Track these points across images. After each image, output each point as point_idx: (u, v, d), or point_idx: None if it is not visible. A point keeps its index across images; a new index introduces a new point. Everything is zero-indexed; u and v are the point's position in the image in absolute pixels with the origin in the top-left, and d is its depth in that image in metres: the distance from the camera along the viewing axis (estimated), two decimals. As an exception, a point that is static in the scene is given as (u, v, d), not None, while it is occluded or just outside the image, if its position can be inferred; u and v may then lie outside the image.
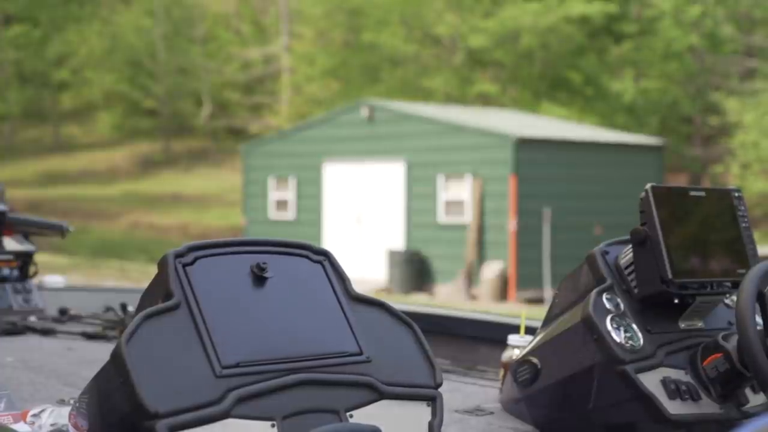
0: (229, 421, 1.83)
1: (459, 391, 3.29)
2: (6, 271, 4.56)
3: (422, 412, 2.09)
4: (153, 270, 2.02)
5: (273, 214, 19.81)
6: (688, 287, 2.56)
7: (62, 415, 2.31)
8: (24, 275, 4.63)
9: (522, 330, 3.18)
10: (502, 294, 15.96)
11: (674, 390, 2.61)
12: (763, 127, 23.65)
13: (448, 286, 16.62)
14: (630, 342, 2.49)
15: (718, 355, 2.64)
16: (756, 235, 2.90)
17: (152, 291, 2.03)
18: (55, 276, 5.45)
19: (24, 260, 4.62)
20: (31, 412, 2.40)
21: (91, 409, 1.98)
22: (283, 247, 2.14)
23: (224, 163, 32.36)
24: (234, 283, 2.02)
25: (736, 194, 2.78)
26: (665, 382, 2.62)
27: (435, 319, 4.13)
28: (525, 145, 15.95)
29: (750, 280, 2.45)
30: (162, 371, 1.82)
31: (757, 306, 2.47)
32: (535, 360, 2.82)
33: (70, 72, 35.93)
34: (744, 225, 2.78)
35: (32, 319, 4.46)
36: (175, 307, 1.92)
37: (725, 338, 2.65)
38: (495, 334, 3.63)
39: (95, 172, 33.62)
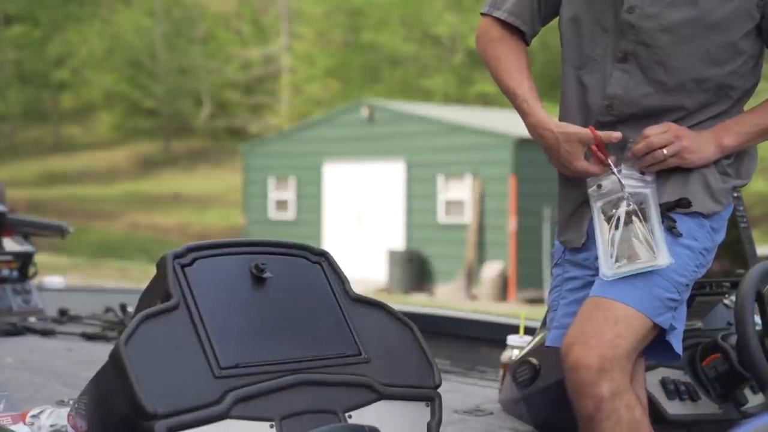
0: (228, 421, 1.83)
1: (458, 392, 3.29)
2: (6, 272, 4.56)
3: (421, 412, 2.09)
4: (153, 270, 2.02)
5: (273, 214, 19.81)
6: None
7: (62, 415, 2.31)
8: (24, 276, 4.63)
9: (521, 330, 3.19)
10: (502, 294, 15.96)
11: (673, 390, 2.61)
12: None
13: (448, 286, 16.61)
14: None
15: (717, 355, 2.64)
16: (755, 235, 2.90)
17: (151, 292, 2.03)
18: (54, 277, 5.45)
19: (24, 261, 4.63)
20: (31, 413, 2.40)
21: (90, 410, 1.98)
22: (282, 247, 2.14)
23: (224, 163, 32.35)
24: (233, 284, 2.02)
25: (735, 194, 2.78)
26: (664, 382, 2.62)
27: (434, 320, 4.13)
28: (525, 145, 15.94)
29: (749, 280, 2.45)
30: (161, 372, 1.82)
31: (756, 306, 2.47)
32: (534, 360, 2.82)
33: (70, 72, 35.90)
34: (743, 225, 2.78)
35: (32, 319, 4.46)
36: (174, 308, 1.92)
37: (724, 338, 2.65)
38: (494, 334, 3.63)
39: (95, 172, 33.60)
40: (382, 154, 17.99)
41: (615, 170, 2.08)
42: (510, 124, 16.33)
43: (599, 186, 2.11)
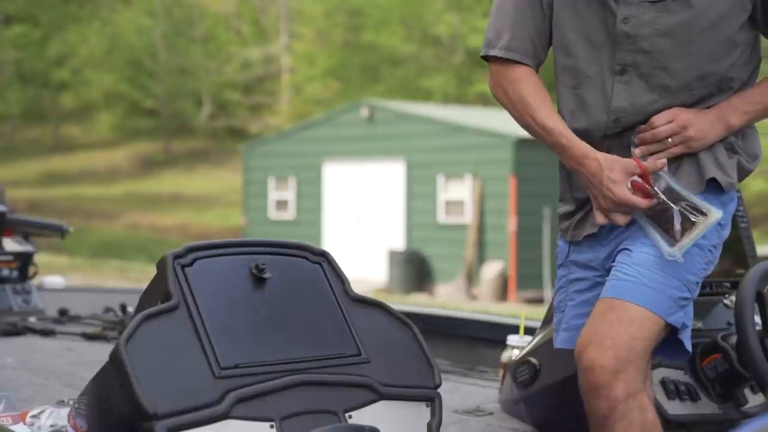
0: (228, 422, 1.83)
1: (458, 392, 3.29)
2: (6, 272, 4.55)
3: (421, 412, 2.09)
4: (153, 270, 2.02)
5: (273, 214, 19.80)
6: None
7: (62, 416, 2.31)
8: (24, 276, 4.63)
9: (521, 330, 3.18)
10: (502, 294, 15.95)
11: (673, 390, 2.61)
12: (762, 128, 23.62)
13: (448, 286, 16.61)
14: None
15: (717, 355, 2.64)
16: (755, 235, 2.90)
17: (151, 292, 2.03)
18: (54, 277, 5.45)
19: (24, 261, 4.62)
20: (31, 413, 2.40)
21: (90, 410, 1.98)
22: (282, 247, 2.14)
23: (224, 163, 32.34)
24: (233, 284, 2.02)
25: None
26: (664, 383, 2.62)
27: (434, 320, 4.13)
28: (525, 145, 15.93)
29: (749, 280, 2.45)
30: (161, 372, 1.82)
31: (756, 306, 2.47)
32: (534, 360, 2.82)
33: (70, 72, 35.88)
34: (743, 225, 2.78)
35: (32, 319, 4.46)
36: (174, 308, 1.92)
37: (724, 338, 2.65)
38: (494, 334, 3.63)
39: (95, 172, 33.60)
40: (382, 154, 17.98)
41: (663, 197, 2.06)
42: (510, 124, 16.30)
43: None
